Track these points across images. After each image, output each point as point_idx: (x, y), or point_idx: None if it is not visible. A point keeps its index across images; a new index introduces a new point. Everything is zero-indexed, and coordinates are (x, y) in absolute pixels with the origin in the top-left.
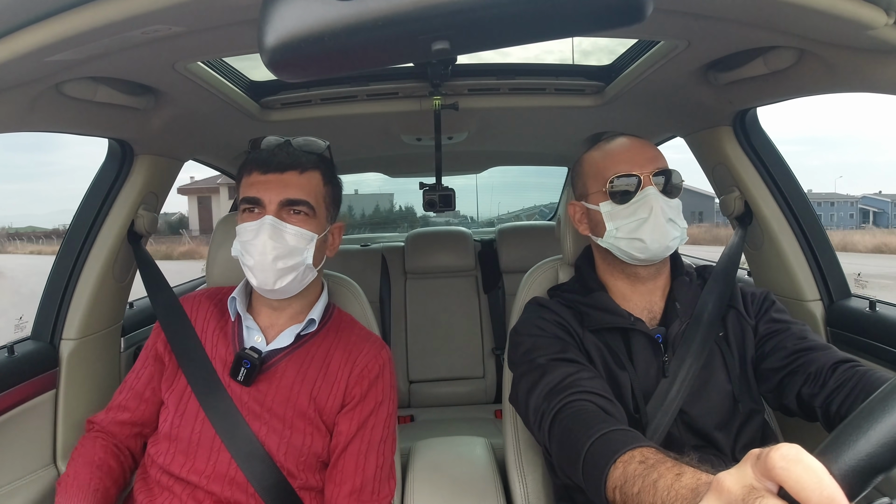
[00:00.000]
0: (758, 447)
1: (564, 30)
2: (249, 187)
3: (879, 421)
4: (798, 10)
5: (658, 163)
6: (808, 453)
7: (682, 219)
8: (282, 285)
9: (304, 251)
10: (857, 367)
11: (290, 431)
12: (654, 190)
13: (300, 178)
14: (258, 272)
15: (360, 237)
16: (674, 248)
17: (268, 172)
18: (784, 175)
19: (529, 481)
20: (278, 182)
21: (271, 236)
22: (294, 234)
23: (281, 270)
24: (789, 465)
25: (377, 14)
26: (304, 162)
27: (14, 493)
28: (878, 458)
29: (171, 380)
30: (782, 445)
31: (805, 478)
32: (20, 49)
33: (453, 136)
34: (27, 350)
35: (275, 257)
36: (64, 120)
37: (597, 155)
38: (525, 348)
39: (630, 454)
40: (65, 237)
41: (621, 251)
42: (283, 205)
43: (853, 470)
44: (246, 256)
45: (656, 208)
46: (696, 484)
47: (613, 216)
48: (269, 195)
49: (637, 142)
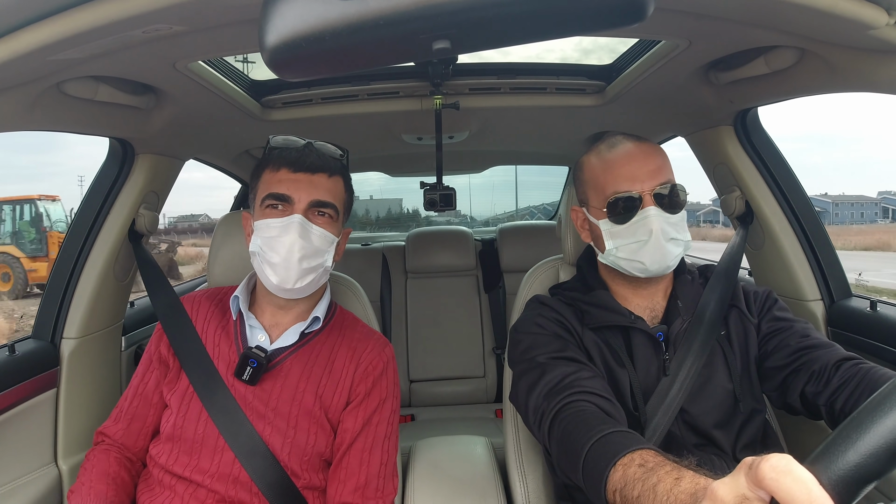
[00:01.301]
0: (759, 446)
1: (565, 29)
2: (278, 183)
3: (868, 431)
4: (799, 9)
5: (660, 177)
6: (798, 464)
7: (686, 231)
8: (301, 285)
9: (325, 253)
10: (861, 365)
11: (294, 431)
12: (654, 210)
13: (328, 181)
14: (281, 270)
15: (371, 235)
16: (675, 265)
17: (298, 171)
18: (785, 175)
19: (530, 480)
20: (308, 182)
21: (301, 235)
22: (319, 236)
23: (304, 270)
24: (779, 476)
25: (378, 13)
26: (332, 166)
27: (15, 491)
28: (867, 468)
29: (173, 381)
30: (772, 456)
31: (794, 489)
32: (21, 48)
33: (454, 136)
34: (28, 349)
35: (301, 257)
36: (65, 119)
37: (597, 164)
38: (524, 346)
39: (630, 457)
40: (66, 236)
41: (622, 269)
42: (312, 205)
43: (842, 480)
44: (269, 253)
45: (656, 230)
46: (694, 489)
47: (613, 235)
48: (300, 194)
49: (639, 151)
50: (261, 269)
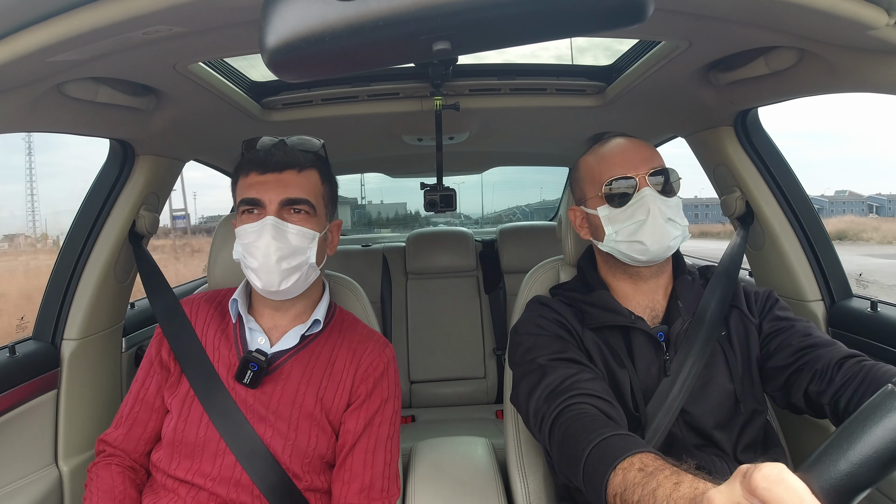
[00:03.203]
0: (759, 447)
1: (565, 30)
2: (248, 188)
3: (858, 441)
4: (799, 10)
5: (654, 162)
6: (790, 473)
7: (683, 217)
8: (287, 286)
9: (306, 250)
10: (864, 362)
11: (294, 433)
12: (650, 191)
13: (298, 176)
14: (262, 274)
15: (376, 236)
16: (675, 247)
17: (266, 172)
18: (785, 175)
19: (531, 481)
20: (277, 182)
21: (274, 237)
22: (296, 234)
23: (285, 271)
24: (771, 485)
25: (378, 14)
26: (301, 161)
27: (16, 492)
28: (859, 477)
29: (174, 385)
30: (765, 466)
31: (786, 498)
32: (22, 49)
33: (454, 137)
34: (28, 350)
35: (279, 258)
36: (65, 120)
37: (592, 159)
38: (525, 348)
39: (630, 461)
40: (66, 237)
41: (622, 254)
42: (284, 204)
43: (834, 488)
44: (249, 259)
45: (654, 209)
46: (693, 493)
47: (612, 220)
48: (269, 195)
49: (631, 142)
50: (247, 274)
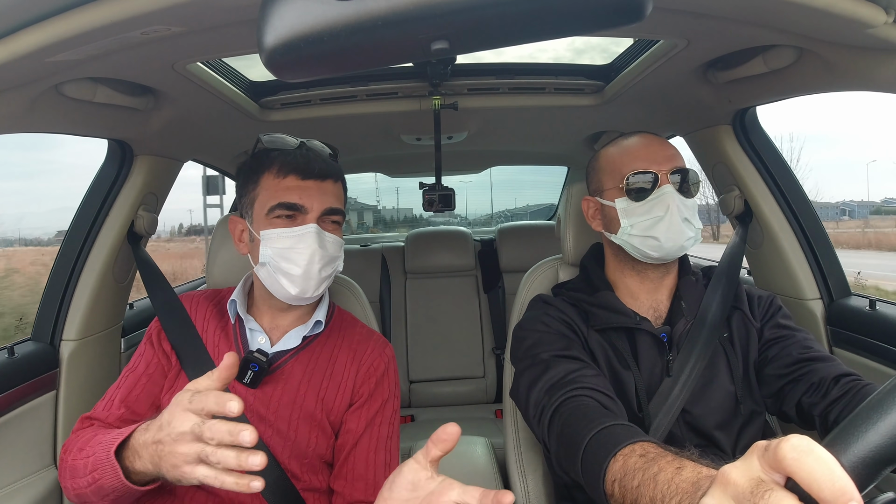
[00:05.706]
0: None
1: (564, 29)
2: (286, 191)
3: (889, 412)
4: (797, 8)
5: (675, 161)
6: (818, 444)
7: (698, 219)
8: (318, 293)
9: (338, 259)
10: (860, 381)
11: (294, 434)
12: (671, 188)
13: (335, 186)
14: (302, 281)
15: (379, 235)
16: (688, 248)
17: (307, 178)
18: (784, 174)
19: (530, 480)
20: (319, 190)
21: (320, 245)
22: (333, 243)
23: (324, 279)
24: (801, 455)
25: (376, 14)
26: (337, 171)
27: (14, 494)
28: (888, 449)
29: (172, 381)
30: (793, 437)
31: (817, 469)
32: (20, 50)
33: (453, 136)
34: (27, 351)
35: (322, 266)
36: (63, 121)
37: (614, 151)
38: (529, 343)
39: (630, 448)
40: (65, 238)
41: (635, 248)
42: (325, 213)
43: (863, 461)
44: (286, 264)
45: (672, 207)
46: (696, 478)
47: (629, 213)
48: (312, 202)
49: (655, 139)
50: (274, 279)
